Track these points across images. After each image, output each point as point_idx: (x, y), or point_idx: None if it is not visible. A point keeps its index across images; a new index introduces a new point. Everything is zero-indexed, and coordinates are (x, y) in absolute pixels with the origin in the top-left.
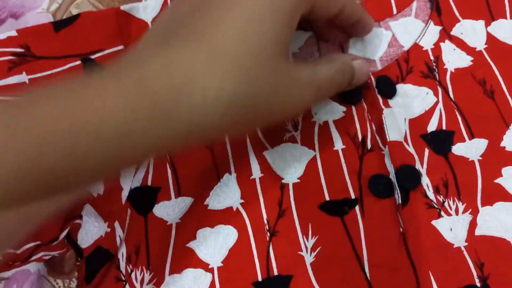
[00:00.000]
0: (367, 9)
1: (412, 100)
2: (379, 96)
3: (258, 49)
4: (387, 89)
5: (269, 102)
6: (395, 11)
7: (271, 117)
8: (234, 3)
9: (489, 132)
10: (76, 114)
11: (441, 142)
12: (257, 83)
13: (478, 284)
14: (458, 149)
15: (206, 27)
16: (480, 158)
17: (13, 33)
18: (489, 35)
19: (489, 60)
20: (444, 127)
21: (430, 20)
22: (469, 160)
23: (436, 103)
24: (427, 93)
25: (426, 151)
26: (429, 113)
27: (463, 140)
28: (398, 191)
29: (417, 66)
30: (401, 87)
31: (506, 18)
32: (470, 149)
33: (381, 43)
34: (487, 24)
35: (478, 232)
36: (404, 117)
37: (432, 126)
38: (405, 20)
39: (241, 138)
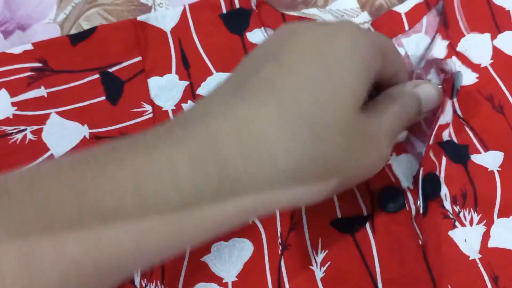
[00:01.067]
0: (378, 25)
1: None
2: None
3: (334, 104)
4: (454, 88)
5: (345, 164)
6: (406, 27)
7: (347, 181)
8: (311, 52)
9: (504, 145)
10: (141, 186)
11: (457, 150)
12: (330, 144)
13: None
14: (476, 158)
15: (277, 78)
16: (499, 169)
17: (29, 47)
18: (495, 49)
19: (495, 75)
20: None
21: (438, 34)
22: (489, 170)
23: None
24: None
25: (444, 159)
26: (447, 123)
27: (479, 152)
28: (421, 200)
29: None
30: None
31: None
32: (487, 160)
33: None
34: (493, 37)
35: (491, 244)
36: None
37: (445, 136)
38: (417, 37)
39: None
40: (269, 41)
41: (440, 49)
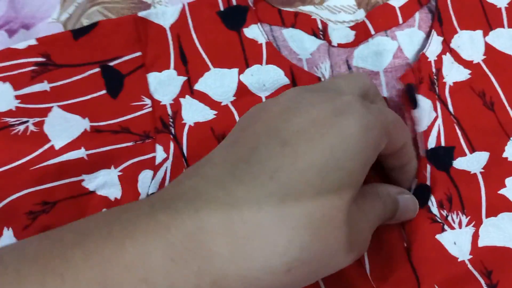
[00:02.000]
0: (373, 17)
1: (424, 113)
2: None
3: (335, 198)
4: (413, 98)
5: (336, 257)
6: (401, 21)
7: (334, 269)
8: (316, 133)
9: (491, 144)
10: (107, 281)
11: (440, 158)
12: (327, 240)
13: None
14: (459, 163)
15: (280, 162)
16: (482, 170)
17: (33, 42)
18: (487, 46)
19: (487, 71)
20: (443, 143)
21: (433, 30)
22: (471, 173)
23: (436, 118)
24: (431, 106)
25: (428, 167)
26: (430, 128)
27: (464, 154)
28: None
29: (425, 77)
30: (417, 97)
31: (503, 27)
32: (471, 162)
33: (387, 54)
34: (485, 34)
35: (481, 243)
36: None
37: (431, 143)
38: (410, 31)
39: None
40: (272, 109)
41: (436, 45)
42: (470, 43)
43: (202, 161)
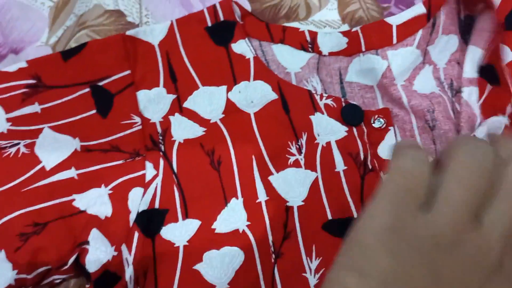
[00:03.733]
0: (367, 33)
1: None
2: None
3: None
4: None
5: None
6: (395, 41)
7: None
8: None
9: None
10: None
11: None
12: None
13: None
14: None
15: None
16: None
17: (23, 64)
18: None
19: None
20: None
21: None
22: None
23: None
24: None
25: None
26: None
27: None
28: None
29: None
30: None
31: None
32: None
33: (377, 73)
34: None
35: None
36: None
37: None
38: (405, 51)
39: (248, 163)
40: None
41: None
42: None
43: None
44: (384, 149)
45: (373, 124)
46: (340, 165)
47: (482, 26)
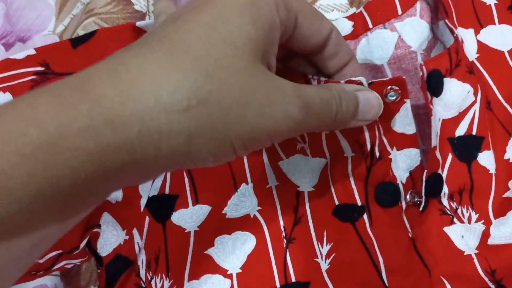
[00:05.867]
0: (371, 9)
1: (454, 99)
2: (428, 94)
3: (226, 46)
4: (437, 85)
5: (244, 108)
6: (400, 12)
7: (250, 130)
8: (204, 6)
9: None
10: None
11: (467, 148)
12: (223, 84)
13: (493, 286)
14: (484, 157)
15: (170, 29)
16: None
17: (32, 52)
18: (479, 43)
19: (481, 69)
20: (474, 132)
21: (446, 20)
22: (489, 172)
23: (473, 103)
24: (469, 91)
25: (450, 157)
26: (462, 114)
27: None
28: (424, 200)
29: (464, 59)
30: (447, 82)
31: (494, 24)
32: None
33: (388, 46)
34: (477, 33)
35: (490, 241)
36: (439, 117)
37: (461, 130)
38: (411, 20)
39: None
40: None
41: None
42: (464, 42)
43: None
44: (398, 122)
45: (385, 99)
46: (347, 150)
47: None
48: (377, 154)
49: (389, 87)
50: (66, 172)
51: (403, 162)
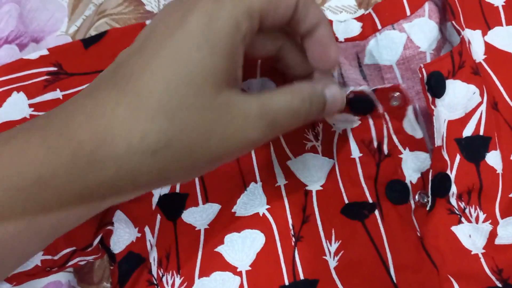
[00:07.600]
0: (380, 11)
1: (458, 100)
2: (429, 95)
3: (187, 87)
4: (437, 87)
5: (207, 142)
6: (408, 13)
7: (215, 157)
8: (164, 41)
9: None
10: None
11: (475, 149)
12: (187, 124)
13: (500, 285)
14: (492, 157)
15: (136, 67)
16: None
17: (45, 52)
18: (487, 45)
19: (489, 70)
20: (482, 132)
21: (452, 21)
22: (497, 172)
23: (479, 104)
24: (474, 92)
25: (458, 157)
26: (469, 115)
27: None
28: (430, 199)
29: (469, 60)
30: (450, 84)
31: (502, 25)
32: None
33: (397, 47)
34: (484, 34)
35: (498, 241)
36: (444, 118)
37: (468, 130)
38: (420, 21)
39: (265, 147)
40: (145, 28)
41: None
42: (471, 42)
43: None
44: (408, 125)
45: (391, 104)
46: (355, 152)
47: None
48: (385, 151)
49: (391, 94)
50: (54, 205)
51: (414, 164)
